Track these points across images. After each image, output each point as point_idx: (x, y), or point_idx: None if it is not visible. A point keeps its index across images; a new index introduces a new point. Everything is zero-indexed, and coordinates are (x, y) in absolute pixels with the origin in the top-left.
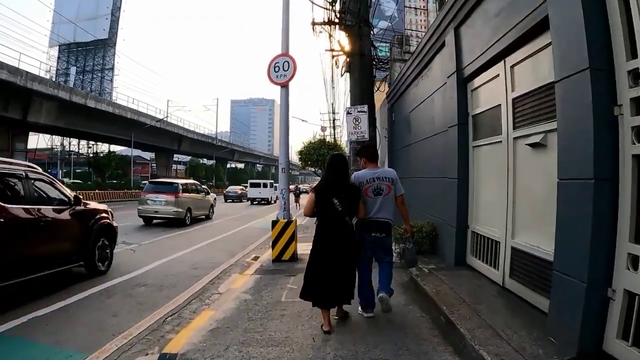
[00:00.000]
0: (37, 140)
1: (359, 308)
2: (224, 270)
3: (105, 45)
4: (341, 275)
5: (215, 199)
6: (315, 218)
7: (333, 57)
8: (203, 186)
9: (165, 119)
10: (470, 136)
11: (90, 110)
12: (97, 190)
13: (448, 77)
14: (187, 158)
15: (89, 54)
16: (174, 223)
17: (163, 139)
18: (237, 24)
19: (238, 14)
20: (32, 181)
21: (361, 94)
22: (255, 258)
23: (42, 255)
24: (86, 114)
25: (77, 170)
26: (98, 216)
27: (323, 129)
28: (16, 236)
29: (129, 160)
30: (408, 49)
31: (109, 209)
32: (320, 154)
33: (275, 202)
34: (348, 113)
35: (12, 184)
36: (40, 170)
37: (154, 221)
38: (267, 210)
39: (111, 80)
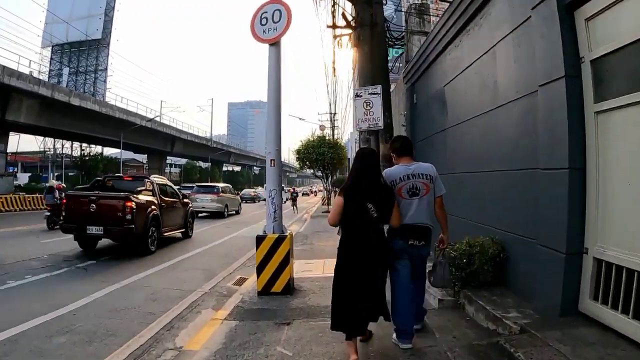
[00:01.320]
0: (18, 142)
1: (393, 336)
2: (192, 304)
3: (98, 46)
4: (376, 292)
5: None
6: (339, 228)
7: (335, 37)
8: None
9: (155, 119)
10: (589, 95)
11: (74, 108)
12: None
13: (533, 9)
14: (183, 161)
15: (82, 55)
16: (214, 216)
17: (155, 141)
18: (235, 25)
19: (238, 15)
20: (168, 186)
21: (372, 72)
22: (240, 281)
23: (173, 223)
24: (71, 112)
25: (69, 174)
26: (189, 205)
27: (322, 127)
28: (166, 212)
29: (122, 162)
30: (429, 18)
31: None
32: (319, 152)
33: (286, 201)
34: (357, 96)
35: (163, 188)
36: (167, 180)
37: (199, 214)
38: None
39: (104, 81)
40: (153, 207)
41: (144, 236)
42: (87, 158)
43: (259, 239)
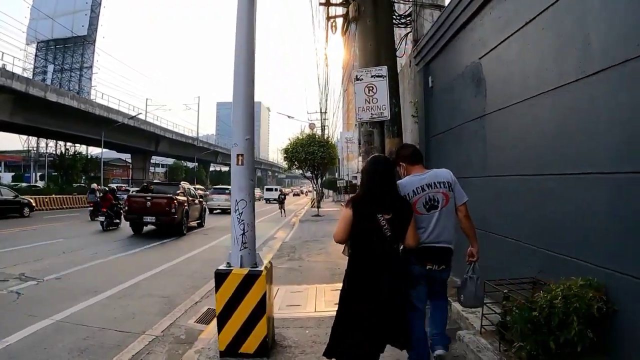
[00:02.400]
0: None
1: None
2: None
3: (84, 43)
4: (391, 325)
5: None
6: (345, 246)
7: (329, 18)
8: None
9: (138, 116)
10: None
11: (51, 105)
12: (54, 195)
13: None
14: (171, 161)
15: (68, 52)
16: (225, 212)
17: (138, 139)
18: (229, 25)
19: (233, 15)
20: (191, 189)
21: (377, 50)
22: (207, 316)
23: (194, 215)
24: (48, 109)
25: (53, 173)
26: (203, 203)
27: (312, 126)
28: (191, 208)
29: (106, 162)
30: None
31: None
32: (309, 151)
33: (275, 200)
34: (357, 79)
35: (189, 191)
36: (189, 184)
37: (214, 211)
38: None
39: (90, 79)
40: (185, 204)
41: (180, 223)
42: (66, 157)
43: (220, 276)
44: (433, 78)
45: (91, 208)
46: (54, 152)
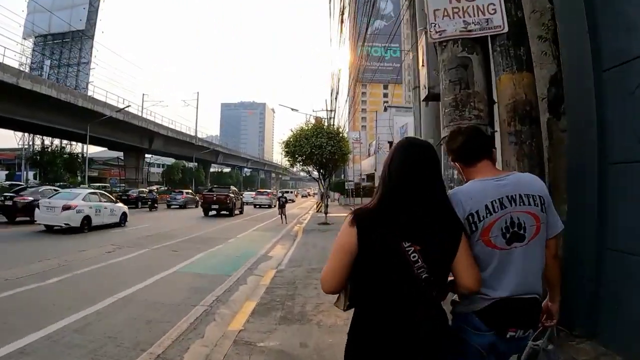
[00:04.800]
0: None
1: None
2: None
3: (82, 37)
4: None
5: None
6: (343, 299)
7: None
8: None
9: (128, 109)
10: None
11: (27, 93)
12: None
13: None
14: (171, 161)
15: (65, 46)
16: (266, 207)
17: (130, 136)
18: (232, 27)
19: (234, 17)
20: (236, 190)
21: None
22: None
23: (238, 206)
24: (26, 99)
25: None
26: (241, 199)
27: (318, 120)
28: (236, 201)
29: (101, 160)
30: None
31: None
32: (315, 145)
33: (274, 205)
34: None
35: (235, 191)
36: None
37: (256, 206)
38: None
39: (87, 74)
40: (234, 199)
41: (232, 210)
42: (45, 152)
43: None
44: None
45: (149, 202)
46: (48, 149)
